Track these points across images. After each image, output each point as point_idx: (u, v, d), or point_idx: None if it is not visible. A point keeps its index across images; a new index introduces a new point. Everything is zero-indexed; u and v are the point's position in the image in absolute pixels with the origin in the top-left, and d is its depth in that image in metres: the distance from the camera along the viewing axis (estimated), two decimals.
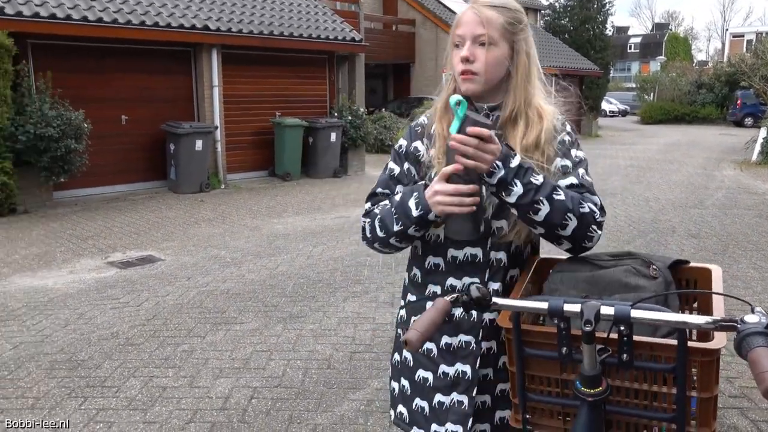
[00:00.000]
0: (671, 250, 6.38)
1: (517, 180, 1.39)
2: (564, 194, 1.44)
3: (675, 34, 57.27)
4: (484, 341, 1.60)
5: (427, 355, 1.64)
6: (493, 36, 1.47)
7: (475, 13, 1.48)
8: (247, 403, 3.27)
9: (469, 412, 1.60)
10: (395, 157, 1.66)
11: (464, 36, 1.49)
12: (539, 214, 1.42)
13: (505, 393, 1.62)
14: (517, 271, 1.63)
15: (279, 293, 5.09)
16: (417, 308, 1.66)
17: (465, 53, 1.48)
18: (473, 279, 1.58)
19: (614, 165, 14.10)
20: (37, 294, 5.12)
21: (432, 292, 1.63)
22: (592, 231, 1.48)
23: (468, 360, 1.60)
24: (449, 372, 1.61)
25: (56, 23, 8.57)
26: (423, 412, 1.64)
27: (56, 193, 9.05)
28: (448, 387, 1.62)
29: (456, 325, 1.60)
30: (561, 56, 22.47)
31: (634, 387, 1.45)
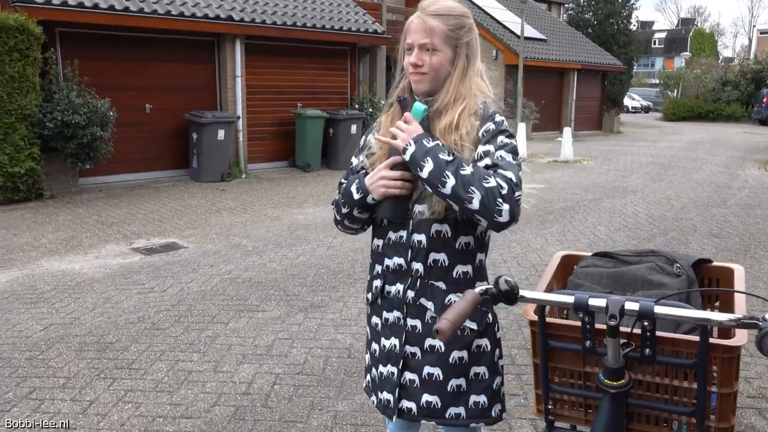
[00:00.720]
0: (692, 249, 6.35)
1: (428, 158, 1.56)
2: (470, 170, 1.54)
3: (701, 29, 56.42)
4: (408, 318, 1.73)
5: (375, 328, 1.82)
6: (436, 43, 1.65)
7: (420, 22, 1.66)
8: (269, 389, 3.35)
9: (397, 383, 1.74)
10: (355, 153, 1.88)
11: (412, 44, 1.68)
12: (446, 187, 1.53)
13: (432, 377, 1.71)
14: (442, 256, 1.68)
15: (300, 283, 5.17)
16: (369, 286, 1.85)
17: (413, 59, 1.67)
18: (400, 259, 1.71)
19: (636, 162, 13.99)
20: (65, 277, 5.25)
21: (376, 271, 1.81)
22: (499, 204, 1.50)
23: (398, 335, 1.75)
24: (386, 345, 1.78)
25: (84, 11, 8.70)
26: (375, 380, 1.83)
27: (82, 179, 9.22)
28: (385, 359, 1.78)
29: (391, 302, 1.76)
30: (583, 51, 22.25)
31: (655, 381, 1.50)
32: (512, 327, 4.21)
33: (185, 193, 9.23)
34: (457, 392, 1.71)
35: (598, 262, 1.70)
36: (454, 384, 1.70)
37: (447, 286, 1.69)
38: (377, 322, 1.81)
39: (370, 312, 1.86)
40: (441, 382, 1.70)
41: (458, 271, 1.70)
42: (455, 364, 1.70)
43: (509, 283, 1.41)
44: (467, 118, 1.65)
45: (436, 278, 1.69)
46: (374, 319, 1.82)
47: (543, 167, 12.97)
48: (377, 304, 1.80)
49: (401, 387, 1.72)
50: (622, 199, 9.17)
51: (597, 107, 23.50)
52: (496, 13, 20.61)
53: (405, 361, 1.72)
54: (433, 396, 1.71)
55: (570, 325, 1.51)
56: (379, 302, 1.79)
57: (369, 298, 1.84)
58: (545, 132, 20.16)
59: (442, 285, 1.69)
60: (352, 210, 1.72)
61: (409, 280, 1.70)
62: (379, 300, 1.78)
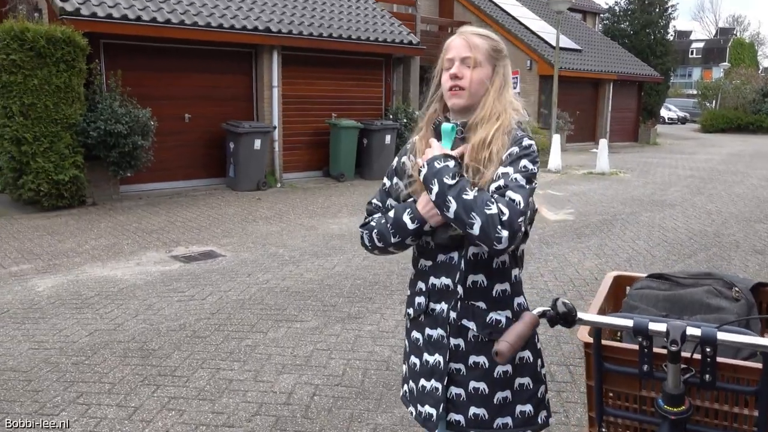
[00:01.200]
0: (735, 266, 6.21)
1: (435, 180, 1.60)
2: (472, 194, 1.55)
3: (740, 39, 55.25)
4: (452, 337, 1.74)
5: (416, 343, 1.84)
6: (479, 58, 1.70)
7: (463, 39, 1.71)
8: (309, 400, 3.38)
9: (442, 398, 1.75)
10: (388, 173, 1.88)
11: (453, 59, 1.71)
12: (450, 210, 1.57)
13: (478, 391, 1.73)
14: (480, 277, 1.71)
15: (337, 293, 5.20)
16: (410, 302, 1.87)
17: (454, 70, 1.69)
18: (447, 280, 1.73)
19: (674, 175, 13.73)
20: (108, 284, 5.38)
21: (419, 288, 1.82)
22: (498, 232, 1.50)
23: (441, 352, 1.76)
24: (429, 360, 1.79)
25: (128, 24, 8.95)
26: (414, 393, 1.85)
27: (122, 186, 9.45)
28: (428, 374, 1.79)
29: (434, 319, 1.77)
30: (619, 61, 21.98)
31: (714, 407, 1.47)
32: (551, 342, 4.16)
33: (222, 202, 9.38)
34: (504, 404, 1.73)
35: (653, 284, 1.68)
36: (500, 396, 1.73)
37: (487, 305, 1.71)
38: (418, 337, 1.83)
39: (410, 326, 1.87)
40: (487, 396, 1.72)
41: (498, 289, 1.73)
42: (500, 378, 1.73)
43: (567, 306, 1.40)
44: (500, 137, 1.65)
45: (476, 299, 1.71)
46: (415, 334, 1.84)
47: (578, 179, 12.83)
48: (419, 321, 1.82)
49: (448, 401, 1.75)
50: (661, 213, 9.01)
51: (633, 118, 23.17)
52: (531, 23, 20.52)
53: (450, 376, 1.74)
54: (480, 409, 1.73)
55: (627, 349, 1.50)
56: (422, 319, 1.80)
57: (410, 313, 1.85)
58: (580, 143, 19.94)
59: (483, 305, 1.71)
60: (404, 240, 1.73)
61: (453, 300, 1.72)
62: (422, 317, 1.80)
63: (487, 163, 1.63)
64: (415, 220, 1.69)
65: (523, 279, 1.83)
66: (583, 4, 28.00)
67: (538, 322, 1.39)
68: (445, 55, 1.74)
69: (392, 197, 1.84)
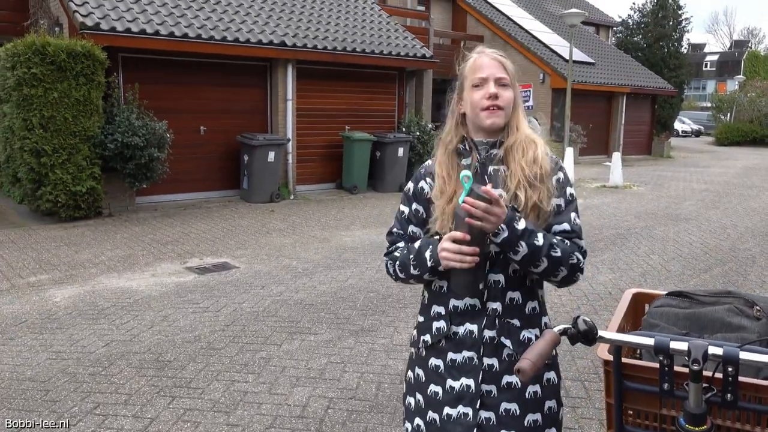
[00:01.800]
0: (751, 282, 6.15)
1: (522, 242, 1.60)
2: (560, 250, 1.64)
3: (755, 52, 54.93)
4: (485, 357, 1.71)
5: (436, 371, 1.76)
6: (510, 79, 1.73)
7: (494, 59, 1.73)
8: (323, 413, 3.38)
9: (473, 423, 1.69)
10: (404, 200, 1.85)
11: (487, 78, 1.70)
12: (539, 268, 1.64)
13: (509, 412, 1.70)
14: (517, 294, 1.72)
15: (350, 306, 5.21)
16: (424, 328, 1.80)
17: (493, 90, 1.69)
18: (473, 300, 1.71)
19: (688, 188, 13.64)
20: (124, 295, 5.42)
21: (436, 312, 1.77)
22: (576, 276, 1.70)
23: (471, 374, 1.71)
24: (455, 386, 1.72)
25: (146, 38, 9.09)
26: (435, 424, 1.75)
27: (138, 198, 9.55)
28: (455, 400, 1.72)
29: (459, 342, 1.72)
30: (633, 74, 21.93)
31: (736, 427, 1.46)
32: (565, 358, 4.14)
33: (236, 214, 9.44)
34: (534, 427, 1.71)
35: (673, 302, 1.68)
36: (530, 419, 1.70)
37: (521, 322, 1.71)
38: (438, 364, 1.75)
39: (425, 355, 1.79)
40: (518, 417, 1.70)
41: (529, 306, 1.73)
42: (531, 399, 1.71)
43: (588, 324, 1.41)
44: (545, 157, 1.72)
45: (512, 316, 1.70)
46: (434, 361, 1.76)
47: (591, 192, 12.78)
48: (439, 347, 1.75)
49: (478, 426, 1.70)
50: (675, 227, 8.95)
51: (646, 131, 23.07)
52: (544, 37, 20.55)
53: (481, 399, 1.70)
54: (511, 431, 1.70)
55: (647, 367, 1.50)
56: (442, 344, 1.74)
57: (428, 340, 1.77)
58: (593, 156, 19.88)
59: (517, 322, 1.71)
60: (422, 275, 1.72)
61: (484, 319, 1.69)
62: (443, 342, 1.74)
63: (537, 181, 1.68)
64: (432, 259, 1.67)
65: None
66: (597, 17, 28.02)
67: (560, 340, 1.39)
68: (474, 74, 1.72)
69: (414, 223, 1.81)
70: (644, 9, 26.27)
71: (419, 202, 1.80)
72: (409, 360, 1.91)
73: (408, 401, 1.87)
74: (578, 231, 1.72)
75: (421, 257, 1.70)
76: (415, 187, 1.83)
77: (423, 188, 1.80)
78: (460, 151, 1.77)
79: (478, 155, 1.74)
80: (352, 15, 13.01)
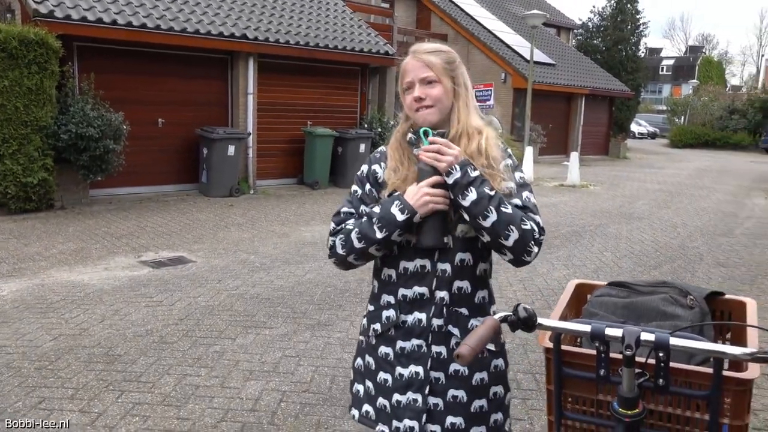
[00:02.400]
0: (699, 278, 6.35)
1: (472, 188, 1.62)
2: (510, 208, 1.63)
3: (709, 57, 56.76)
4: (434, 345, 1.74)
5: (386, 358, 1.80)
6: (437, 75, 1.73)
7: (418, 60, 1.74)
8: (276, 406, 3.36)
9: (423, 409, 1.74)
10: (357, 181, 1.88)
11: (412, 81, 1.74)
12: (487, 221, 1.61)
13: (456, 399, 1.74)
14: (465, 283, 1.75)
15: (307, 300, 5.19)
16: (374, 317, 1.83)
17: (417, 93, 1.72)
18: (422, 288, 1.73)
19: (642, 188, 14.02)
20: (75, 288, 5.29)
21: (386, 301, 1.80)
22: (530, 247, 1.64)
23: (420, 362, 1.75)
24: (404, 373, 1.76)
25: (102, 27, 8.86)
26: (385, 410, 1.80)
27: (92, 191, 9.31)
28: (404, 387, 1.77)
29: (408, 331, 1.76)
30: (591, 76, 22.41)
31: (668, 411, 1.52)
32: (518, 351, 4.21)
33: (194, 208, 9.30)
34: (480, 412, 1.75)
35: (613, 292, 1.73)
36: (477, 405, 1.75)
37: (469, 311, 1.74)
38: (387, 352, 1.79)
39: (375, 343, 1.82)
40: (465, 404, 1.74)
41: (479, 296, 1.77)
42: (477, 386, 1.75)
43: (528, 311, 1.44)
44: (493, 146, 1.73)
45: (461, 305, 1.73)
46: (383, 349, 1.79)
47: (550, 191, 13.01)
48: (388, 335, 1.79)
49: (427, 412, 1.73)
50: (629, 226, 9.19)
51: (604, 132, 23.61)
52: (506, 37, 20.82)
53: (430, 386, 1.74)
54: (458, 417, 1.74)
55: (585, 354, 1.54)
56: (392, 333, 1.78)
57: (377, 329, 1.80)
58: (552, 156, 20.24)
59: (466, 311, 1.74)
60: (391, 234, 1.67)
61: (432, 308, 1.72)
62: (392, 330, 1.77)
63: (489, 171, 1.68)
64: (405, 210, 1.65)
65: (493, 288, 1.87)
66: (558, 19, 28.51)
67: (500, 326, 1.42)
68: (403, 78, 1.76)
69: (366, 203, 1.81)
70: (604, 12, 26.87)
71: (372, 185, 1.82)
72: (358, 348, 1.93)
73: (356, 388, 1.90)
74: (532, 208, 1.70)
75: (389, 216, 1.67)
76: (368, 169, 1.85)
77: (376, 171, 1.83)
78: (411, 141, 1.80)
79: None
80: (316, 10, 12.94)
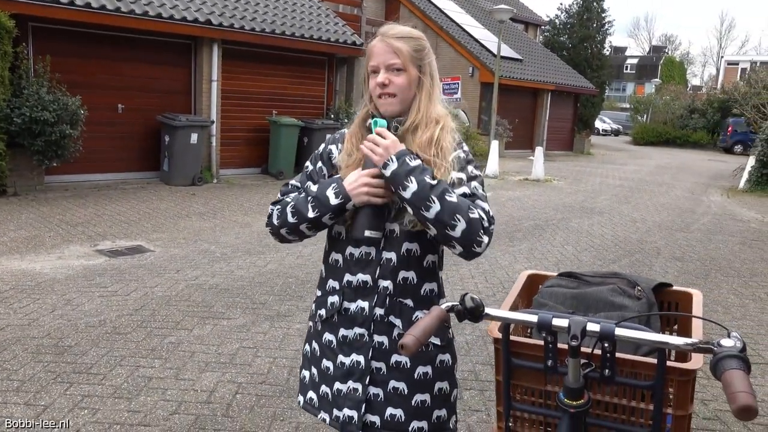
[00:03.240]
0: (655, 272, 6.49)
1: (412, 177, 1.56)
2: (455, 197, 1.57)
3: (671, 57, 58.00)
4: (375, 334, 1.72)
5: (329, 346, 1.78)
6: (404, 63, 1.67)
7: (386, 45, 1.68)
8: (231, 398, 3.31)
9: (362, 399, 1.72)
10: (312, 158, 1.85)
11: (378, 65, 1.68)
12: (430, 211, 1.54)
13: (397, 391, 1.72)
14: (411, 274, 1.71)
15: (267, 291, 5.12)
16: (321, 302, 1.81)
17: (381, 79, 1.67)
18: (365, 276, 1.70)
19: (604, 184, 14.26)
20: (25, 277, 5.12)
21: (331, 287, 1.77)
22: (480, 236, 1.56)
23: (362, 351, 1.72)
24: (345, 362, 1.74)
25: (59, 8, 8.56)
26: (327, 398, 1.78)
27: (48, 177, 9.03)
28: (345, 375, 1.74)
29: (351, 319, 1.73)
30: (558, 73, 22.67)
31: (614, 401, 1.52)
32: (477, 343, 4.23)
33: (154, 196, 9.10)
34: (422, 407, 1.72)
35: (563, 282, 1.73)
36: (418, 399, 1.72)
37: (415, 303, 1.71)
38: (330, 339, 1.77)
39: (321, 329, 1.80)
40: (406, 396, 1.71)
41: (425, 288, 1.73)
42: (420, 380, 1.72)
43: (475, 301, 1.42)
44: (447, 136, 1.68)
45: (405, 296, 1.70)
46: (327, 336, 1.78)
47: (514, 185, 13.14)
48: (332, 322, 1.76)
49: (366, 402, 1.71)
50: (590, 220, 9.33)
51: (569, 128, 23.94)
52: (474, 31, 20.90)
53: (370, 376, 1.71)
54: (398, 410, 1.71)
55: (533, 344, 1.53)
56: (335, 319, 1.75)
57: (323, 314, 1.78)
58: (518, 150, 20.44)
59: (410, 302, 1.70)
60: (322, 216, 1.65)
61: (375, 297, 1.69)
62: (335, 317, 1.75)
63: (439, 162, 1.63)
64: (340, 195, 1.63)
65: (454, 281, 1.86)
66: (526, 15, 28.73)
67: (446, 316, 1.40)
68: (369, 61, 1.71)
69: (314, 180, 1.78)
70: (570, 10, 27.17)
71: (324, 163, 1.80)
72: (307, 333, 1.92)
73: (303, 374, 1.88)
74: (480, 197, 1.64)
75: (323, 197, 1.65)
76: (324, 149, 1.83)
77: (331, 151, 1.80)
78: (369, 126, 1.75)
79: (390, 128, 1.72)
80: None
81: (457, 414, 1.85)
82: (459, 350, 4.11)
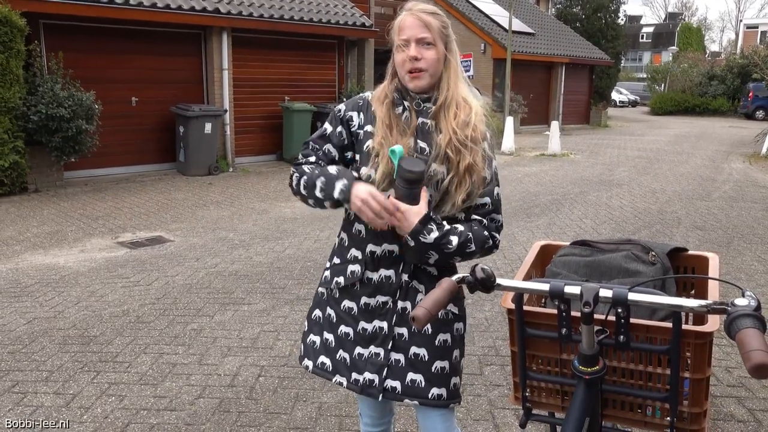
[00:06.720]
0: (676, 242, 6.41)
1: (434, 251, 1.64)
2: (473, 244, 1.68)
3: (688, 24, 56.63)
4: (399, 301, 1.75)
5: (349, 313, 1.80)
6: (433, 38, 1.68)
7: (416, 18, 1.68)
8: (254, 381, 3.35)
9: (385, 363, 1.75)
10: (332, 119, 1.81)
11: (408, 39, 1.68)
12: (454, 259, 1.71)
13: (418, 357, 1.74)
14: None
15: (286, 276, 5.16)
16: (338, 270, 1.82)
17: (413, 53, 1.66)
18: (392, 246, 1.72)
19: (622, 155, 14.07)
20: (49, 271, 5.21)
21: (353, 256, 1.78)
22: (490, 252, 1.77)
23: (386, 317, 1.76)
24: (368, 328, 1.77)
25: (69, 3, 8.61)
26: (345, 363, 1.80)
27: (67, 172, 9.15)
28: (367, 341, 1.77)
29: (377, 287, 1.75)
30: (571, 45, 22.31)
31: (629, 367, 1.52)
32: (497, 318, 4.23)
33: (171, 187, 9.18)
34: (441, 374, 1.74)
35: (576, 251, 1.72)
36: (438, 366, 1.74)
37: (439, 271, 1.74)
38: (350, 306, 1.78)
39: (338, 296, 1.81)
40: (426, 363, 1.73)
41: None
42: (440, 346, 1.74)
43: (486, 272, 1.42)
44: (480, 123, 1.72)
45: (430, 264, 1.72)
46: (347, 303, 1.79)
47: (530, 161, 13.02)
48: (352, 290, 1.77)
49: (388, 367, 1.73)
50: (608, 192, 9.23)
51: (585, 101, 23.60)
52: (485, 7, 20.62)
53: (393, 341, 1.74)
54: (418, 375, 1.73)
55: (547, 313, 1.53)
56: (357, 288, 1.77)
57: (340, 282, 1.78)
58: (533, 126, 20.23)
59: (434, 270, 1.74)
60: (324, 201, 1.68)
61: (402, 265, 1.72)
62: (357, 286, 1.77)
63: (470, 144, 1.66)
64: (342, 194, 1.64)
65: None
66: None
67: (457, 287, 1.40)
68: (398, 35, 1.70)
69: (332, 143, 1.77)
70: None
71: (344, 127, 1.78)
72: (316, 299, 1.92)
73: (312, 339, 1.89)
74: (497, 205, 1.77)
75: (331, 186, 1.65)
76: (345, 112, 1.79)
77: (352, 118, 1.77)
78: (395, 100, 1.74)
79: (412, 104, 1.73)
80: None
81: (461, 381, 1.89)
82: (478, 326, 4.13)
